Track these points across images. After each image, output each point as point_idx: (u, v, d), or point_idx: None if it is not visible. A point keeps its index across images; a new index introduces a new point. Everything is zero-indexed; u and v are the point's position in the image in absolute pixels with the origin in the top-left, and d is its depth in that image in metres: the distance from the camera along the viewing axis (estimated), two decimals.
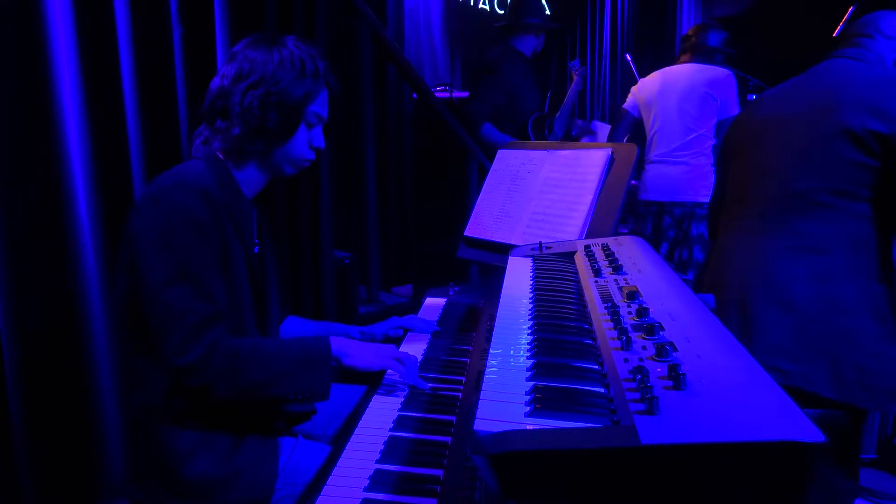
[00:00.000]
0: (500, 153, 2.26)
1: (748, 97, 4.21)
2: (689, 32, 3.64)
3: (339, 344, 1.40)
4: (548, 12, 3.74)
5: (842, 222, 1.70)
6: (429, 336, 1.70)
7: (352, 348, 1.40)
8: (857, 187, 1.68)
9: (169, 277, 1.22)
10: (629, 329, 1.00)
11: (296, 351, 1.34)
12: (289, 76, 1.37)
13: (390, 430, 1.23)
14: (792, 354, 1.65)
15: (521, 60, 3.68)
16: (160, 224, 1.24)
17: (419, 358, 1.55)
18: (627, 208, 4.44)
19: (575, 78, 3.94)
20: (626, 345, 0.94)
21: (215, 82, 1.39)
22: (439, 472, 1.09)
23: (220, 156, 1.40)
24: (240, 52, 1.39)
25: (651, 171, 3.47)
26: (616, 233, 1.76)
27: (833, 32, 3.95)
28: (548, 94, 3.93)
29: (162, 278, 1.22)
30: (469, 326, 1.73)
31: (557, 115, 3.84)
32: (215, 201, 1.29)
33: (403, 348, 1.64)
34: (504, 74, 3.56)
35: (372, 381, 1.46)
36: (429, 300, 1.99)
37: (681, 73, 3.51)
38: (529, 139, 3.66)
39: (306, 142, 1.45)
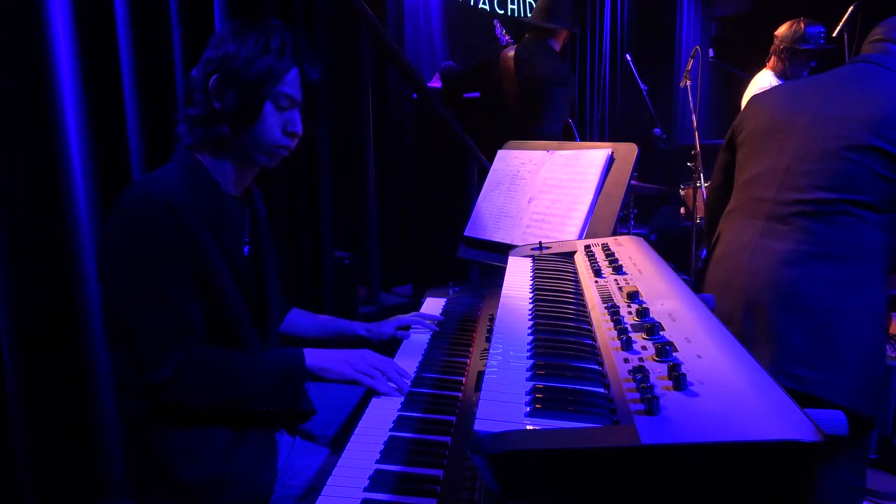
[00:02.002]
0: (500, 153, 2.26)
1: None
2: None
3: (314, 358, 1.38)
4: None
5: (864, 232, 1.69)
6: (429, 336, 1.70)
7: (328, 361, 1.39)
8: (882, 199, 1.68)
9: (133, 294, 1.20)
10: (629, 329, 1.00)
11: (271, 367, 1.34)
12: (248, 53, 1.30)
13: (390, 430, 1.23)
14: (809, 362, 1.64)
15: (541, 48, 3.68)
16: (123, 240, 1.21)
17: (419, 358, 1.55)
18: (627, 208, 4.45)
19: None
20: (626, 345, 0.94)
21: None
22: (439, 472, 1.09)
23: (198, 155, 1.35)
24: (212, 42, 1.35)
25: None
26: (616, 233, 1.76)
27: (833, 32, 3.97)
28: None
29: (126, 295, 1.20)
30: (469, 326, 1.73)
31: None
32: (185, 210, 1.24)
33: (403, 347, 1.64)
34: (572, 87, 3.57)
35: None
36: (429, 300, 1.99)
37: None
38: (574, 136, 3.69)
39: (279, 126, 1.35)
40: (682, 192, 4.90)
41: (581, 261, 1.47)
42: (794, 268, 1.72)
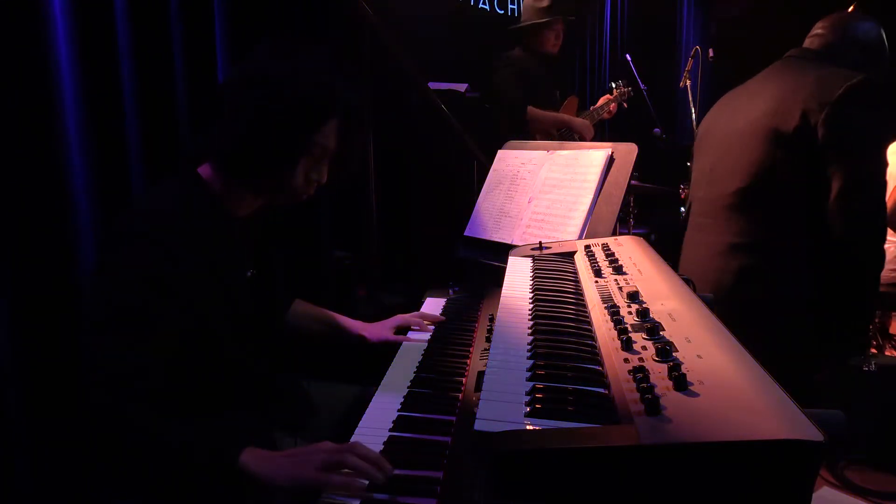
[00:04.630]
0: (500, 153, 2.27)
1: None
2: None
3: (260, 463, 1.04)
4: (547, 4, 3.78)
5: (784, 220, 1.80)
6: (428, 336, 1.70)
7: (277, 468, 1.04)
8: (794, 182, 1.77)
9: (97, 322, 1.10)
10: (629, 329, 1.00)
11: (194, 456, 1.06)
12: (294, 96, 1.20)
13: (390, 429, 1.22)
14: None
15: (537, 58, 3.75)
16: (104, 266, 1.15)
17: (419, 358, 1.55)
18: (627, 208, 4.45)
19: (615, 94, 3.98)
20: (626, 345, 0.94)
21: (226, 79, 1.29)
22: (439, 473, 1.09)
23: (208, 170, 1.27)
24: (254, 55, 1.25)
25: None
26: (616, 233, 1.76)
27: None
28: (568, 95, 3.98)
29: (92, 321, 1.11)
30: (469, 326, 1.72)
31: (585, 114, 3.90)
32: (178, 241, 1.16)
33: (403, 347, 1.63)
34: (521, 72, 3.63)
35: (372, 381, 1.46)
36: (429, 300, 1.99)
37: None
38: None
39: (304, 173, 1.29)
40: (682, 192, 4.89)
41: (581, 261, 1.47)
42: (719, 260, 1.84)
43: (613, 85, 4.08)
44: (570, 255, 1.55)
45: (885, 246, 1.97)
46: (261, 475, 1.03)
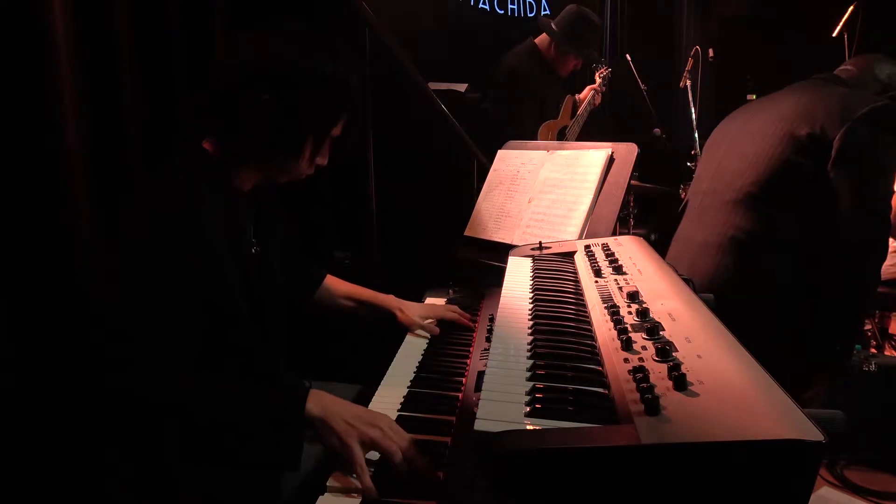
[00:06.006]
0: (500, 153, 2.27)
1: (747, 97, 4.23)
2: None
3: (320, 405, 1.11)
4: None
5: (780, 225, 1.81)
6: (428, 336, 1.70)
7: (337, 415, 1.10)
8: (799, 190, 1.79)
9: (132, 299, 1.09)
10: (629, 329, 1.00)
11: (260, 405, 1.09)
12: (320, 96, 1.23)
13: None
14: None
15: (546, 67, 3.74)
16: (134, 246, 1.14)
17: (419, 358, 1.55)
18: (627, 208, 4.45)
19: (597, 80, 3.95)
20: (626, 345, 0.94)
21: (232, 60, 1.26)
22: (439, 472, 1.09)
23: (212, 147, 1.29)
24: (271, 40, 1.25)
25: None
26: (616, 233, 1.76)
27: (833, 32, 3.97)
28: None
29: (126, 297, 1.10)
30: (469, 326, 1.72)
31: (571, 122, 3.87)
32: (197, 211, 1.18)
33: (403, 347, 1.63)
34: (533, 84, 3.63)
35: (372, 381, 1.46)
36: (429, 300, 1.99)
37: None
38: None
39: (310, 158, 1.35)
40: (682, 192, 4.89)
41: (581, 261, 1.47)
42: (715, 253, 1.86)
43: (597, 72, 4.04)
44: (570, 255, 1.56)
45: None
46: (319, 417, 1.08)
